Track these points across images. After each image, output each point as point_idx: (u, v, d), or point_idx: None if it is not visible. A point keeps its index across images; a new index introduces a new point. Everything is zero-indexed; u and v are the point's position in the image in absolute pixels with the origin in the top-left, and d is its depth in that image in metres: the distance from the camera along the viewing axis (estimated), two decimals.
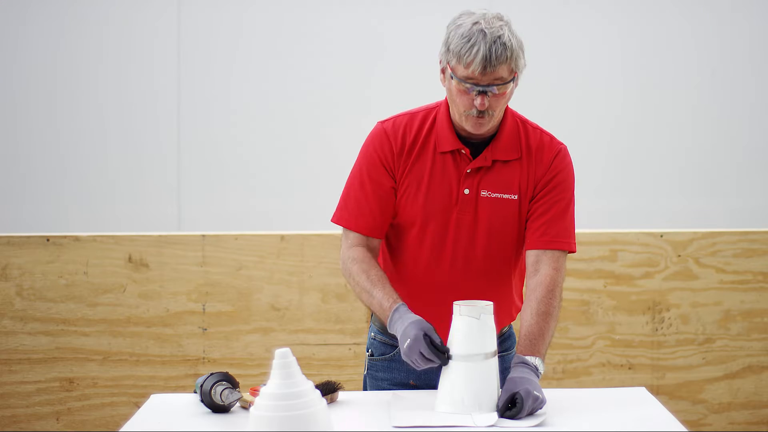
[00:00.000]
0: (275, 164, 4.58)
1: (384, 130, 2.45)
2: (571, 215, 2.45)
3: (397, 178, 2.43)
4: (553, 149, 2.44)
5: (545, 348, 2.33)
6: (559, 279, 2.39)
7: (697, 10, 4.61)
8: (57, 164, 4.56)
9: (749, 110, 4.62)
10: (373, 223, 2.44)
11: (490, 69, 2.25)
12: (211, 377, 2.26)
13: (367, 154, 2.45)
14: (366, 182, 2.44)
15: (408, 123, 2.45)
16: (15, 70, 4.55)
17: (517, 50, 2.29)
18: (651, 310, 3.88)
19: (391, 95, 4.50)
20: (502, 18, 2.31)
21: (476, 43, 2.24)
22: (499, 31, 2.26)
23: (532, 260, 2.41)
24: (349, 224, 2.45)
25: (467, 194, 2.41)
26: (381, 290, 2.36)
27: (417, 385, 2.52)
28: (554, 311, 2.36)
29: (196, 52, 4.57)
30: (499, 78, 2.27)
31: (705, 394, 3.89)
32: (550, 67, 4.61)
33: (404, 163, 2.43)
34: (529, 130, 2.46)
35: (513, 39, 2.28)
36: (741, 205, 4.62)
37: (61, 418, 3.81)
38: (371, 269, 2.40)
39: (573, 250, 2.44)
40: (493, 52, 2.24)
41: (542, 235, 2.40)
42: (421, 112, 2.47)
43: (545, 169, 2.42)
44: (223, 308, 3.83)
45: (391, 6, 4.59)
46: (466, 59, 2.25)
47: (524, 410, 2.15)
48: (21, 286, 3.80)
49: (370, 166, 2.44)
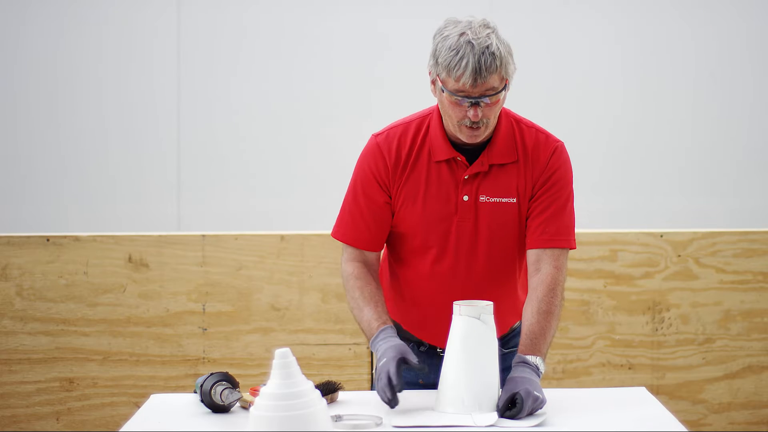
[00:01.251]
0: (275, 164, 4.58)
1: (377, 145, 2.44)
2: (570, 212, 2.44)
3: (393, 191, 2.43)
4: (549, 147, 2.43)
5: (546, 347, 2.33)
6: (560, 277, 2.39)
7: (696, 10, 4.61)
8: (57, 164, 4.56)
9: (749, 110, 4.62)
10: (368, 237, 2.46)
11: (481, 81, 2.23)
12: (211, 377, 2.26)
13: (361, 170, 2.46)
14: (360, 198, 2.45)
15: (402, 134, 2.43)
16: (15, 70, 4.55)
17: (506, 57, 2.26)
18: (651, 310, 3.88)
19: (393, 95, 4.50)
20: (488, 25, 2.28)
21: (465, 56, 2.22)
22: (487, 41, 2.23)
23: (533, 259, 2.41)
24: (346, 239, 2.48)
25: (466, 201, 2.40)
26: (372, 309, 2.38)
27: (425, 384, 2.52)
28: (555, 310, 2.36)
29: (196, 52, 4.57)
30: (490, 88, 2.25)
31: (705, 394, 3.89)
32: (550, 67, 4.61)
33: (400, 175, 2.42)
34: (524, 130, 2.44)
35: (501, 46, 2.25)
36: (741, 205, 4.62)
37: (61, 418, 3.81)
38: (365, 286, 2.43)
39: (573, 246, 2.43)
40: (482, 63, 2.22)
41: (542, 233, 2.40)
42: (415, 121, 2.45)
43: (542, 168, 2.41)
44: (223, 308, 3.83)
45: (393, 6, 4.59)
46: (456, 73, 2.23)
47: (524, 410, 2.15)
48: (21, 286, 3.80)
49: (364, 182, 2.45)
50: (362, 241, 2.46)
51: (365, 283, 2.43)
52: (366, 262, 2.48)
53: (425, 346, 2.55)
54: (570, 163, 2.46)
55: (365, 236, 2.46)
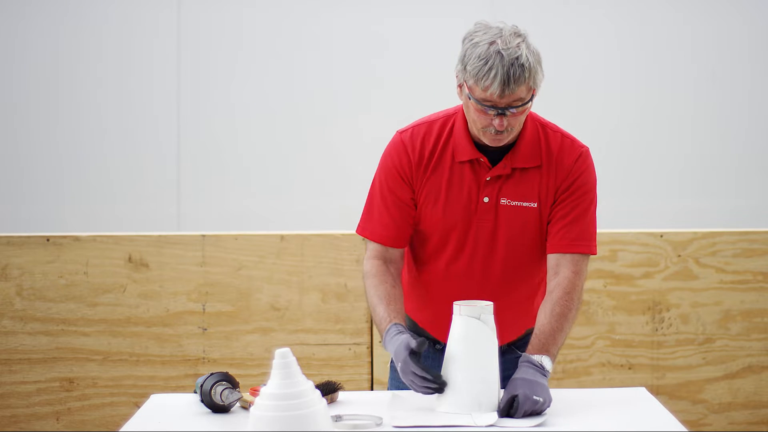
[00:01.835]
0: (275, 164, 4.58)
1: (402, 142, 2.43)
2: (591, 218, 2.44)
3: (415, 188, 2.43)
4: (573, 153, 2.42)
5: (557, 348, 2.32)
6: (578, 282, 2.38)
7: (696, 11, 4.61)
8: (57, 164, 4.56)
9: (749, 110, 4.63)
10: (393, 234, 2.44)
11: (509, 92, 2.21)
12: (211, 377, 2.26)
13: (385, 166, 2.45)
14: (386, 194, 2.44)
15: (426, 133, 2.43)
16: (15, 69, 4.55)
17: (535, 67, 2.24)
18: (651, 310, 3.88)
19: (393, 95, 4.50)
20: (519, 33, 2.25)
21: (494, 66, 2.19)
22: (517, 51, 2.21)
23: (552, 263, 2.41)
24: (368, 234, 2.47)
25: (487, 203, 2.40)
26: (384, 308, 2.37)
27: None
28: (570, 313, 2.35)
29: (196, 52, 4.57)
30: (517, 99, 2.24)
31: (705, 394, 3.89)
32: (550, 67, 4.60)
33: (423, 173, 2.42)
34: (549, 135, 2.43)
35: (531, 56, 2.23)
36: (740, 205, 4.62)
37: (61, 418, 3.81)
38: (380, 285, 2.41)
39: (594, 252, 2.43)
40: (511, 75, 2.20)
41: (562, 238, 2.39)
42: (440, 120, 2.44)
43: (566, 173, 2.40)
44: (223, 308, 3.83)
45: (392, 6, 4.59)
46: (484, 83, 2.21)
47: (519, 413, 2.15)
48: (21, 286, 3.80)
49: (389, 177, 2.44)
50: (386, 238, 2.45)
51: (380, 281, 2.42)
52: (388, 260, 2.46)
53: (441, 345, 2.54)
54: (594, 169, 2.45)
55: (391, 232, 2.45)
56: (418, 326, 2.58)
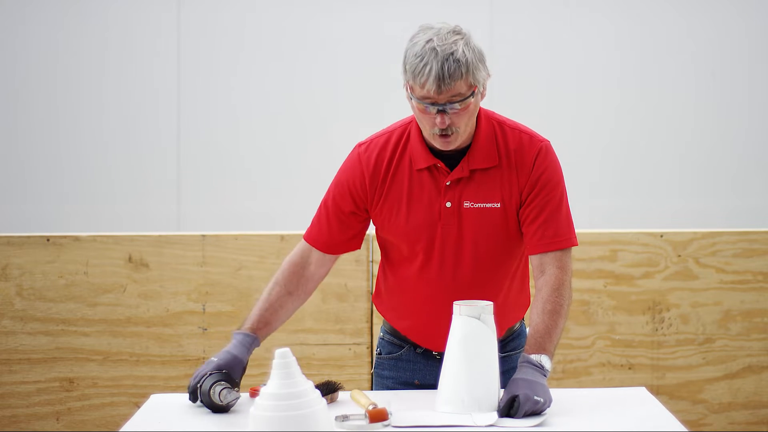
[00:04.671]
0: (275, 164, 4.58)
1: (358, 157, 2.45)
2: (565, 211, 2.42)
3: (374, 201, 2.43)
4: (533, 148, 2.39)
5: (553, 345, 2.31)
6: (565, 277, 2.38)
7: (696, 10, 4.61)
8: (57, 164, 4.56)
9: (749, 110, 4.63)
10: (324, 239, 2.49)
11: (445, 87, 2.22)
12: (210, 377, 2.26)
13: (338, 178, 2.49)
14: (329, 203, 2.49)
15: (384, 144, 2.44)
16: (15, 69, 4.55)
17: (475, 63, 2.24)
18: (651, 310, 3.88)
19: (393, 95, 4.49)
20: (459, 32, 2.27)
21: (428, 62, 2.21)
22: (452, 47, 2.22)
23: (536, 263, 2.40)
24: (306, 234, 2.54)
25: (449, 207, 2.39)
26: (256, 309, 2.46)
27: (421, 384, 2.52)
28: (561, 309, 2.34)
29: (196, 52, 4.57)
30: (456, 94, 2.24)
31: (705, 394, 3.89)
32: (550, 67, 4.61)
33: (381, 185, 2.42)
34: (506, 132, 2.41)
35: (468, 53, 2.23)
36: (740, 205, 4.62)
37: (61, 418, 3.81)
38: (275, 286, 2.48)
39: (575, 243, 2.41)
40: (445, 69, 2.20)
41: (541, 238, 2.38)
42: (398, 130, 2.45)
43: (529, 171, 2.38)
44: (223, 308, 3.83)
45: (393, 8, 4.59)
46: (420, 79, 2.22)
47: (519, 414, 2.15)
48: (21, 286, 3.80)
49: (337, 188, 2.48)
50: (314, 240, 2.50)
51: (274, 284, 2.49)
52: (304, 264, 2.51)
53: (421, 349, 2.55)
54: (557, 162, 2.42)
55: (322, 237, 2.49)
56: (400, 334, 2.58)
